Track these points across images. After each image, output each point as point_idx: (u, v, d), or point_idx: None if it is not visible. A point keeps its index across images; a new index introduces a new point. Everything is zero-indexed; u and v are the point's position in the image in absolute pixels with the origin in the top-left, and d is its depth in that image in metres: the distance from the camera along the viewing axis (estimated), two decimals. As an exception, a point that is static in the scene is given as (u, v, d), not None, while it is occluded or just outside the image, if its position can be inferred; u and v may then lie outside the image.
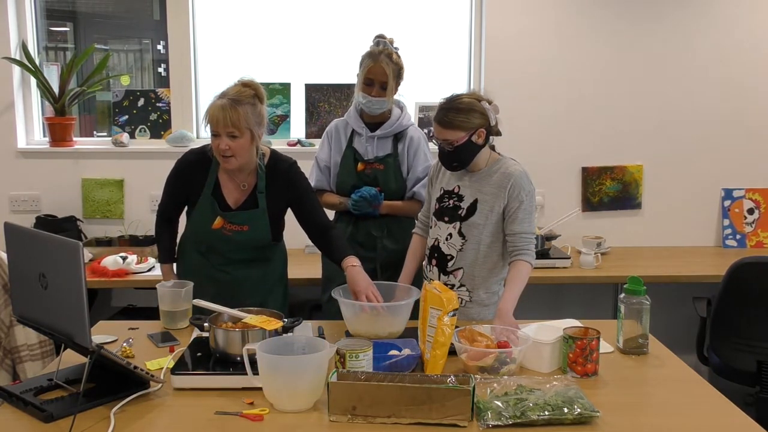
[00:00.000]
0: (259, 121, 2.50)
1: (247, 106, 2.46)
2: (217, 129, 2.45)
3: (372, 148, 2.94)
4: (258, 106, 2.50)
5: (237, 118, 2.42)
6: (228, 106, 2.43)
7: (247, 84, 2.51)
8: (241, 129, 2.44)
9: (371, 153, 2.94)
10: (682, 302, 3.64)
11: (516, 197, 2.46)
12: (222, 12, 4.06)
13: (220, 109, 2.43)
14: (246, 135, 2.46)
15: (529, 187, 2.48)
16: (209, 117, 2.46)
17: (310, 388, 1.78)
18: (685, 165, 4.08)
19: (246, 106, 2.45)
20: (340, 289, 2.37)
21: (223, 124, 2.43)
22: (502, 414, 1.71)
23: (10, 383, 2.11)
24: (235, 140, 2.45)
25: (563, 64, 3.98)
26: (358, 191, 2.88)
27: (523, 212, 2.46)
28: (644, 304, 2.19)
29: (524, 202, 2.45)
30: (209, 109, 2.47)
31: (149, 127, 4.12)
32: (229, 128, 2.43)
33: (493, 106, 2.47)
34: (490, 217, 2.49)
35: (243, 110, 2.44)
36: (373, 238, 2.94)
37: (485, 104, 2.45)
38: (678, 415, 1.80)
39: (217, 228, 2.58)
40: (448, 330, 1.99)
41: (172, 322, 2.42)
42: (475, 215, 2.50)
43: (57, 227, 3.78)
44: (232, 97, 2.45)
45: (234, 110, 2.42)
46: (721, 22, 3.98)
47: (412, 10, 4.07)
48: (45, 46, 4.21)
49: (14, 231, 1.97)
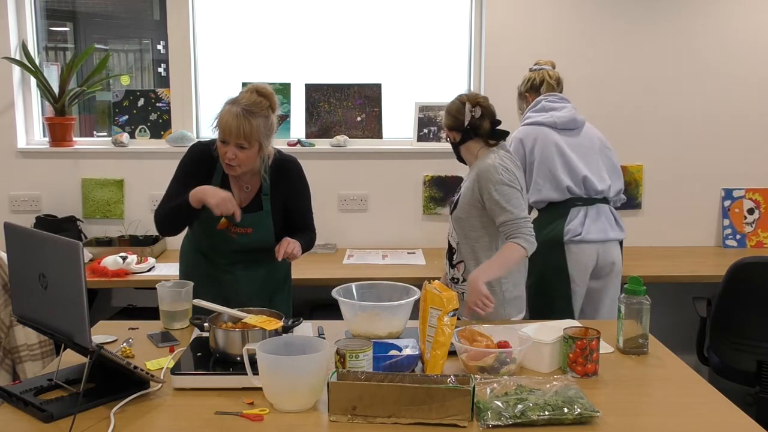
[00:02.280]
0: (269, 133, 2.47)
1: (261, 118, 2.41)
2: (227, 138, 2.40)
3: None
4: (271, 117, 2.46)
5: (249, 130, 2.37)
6: (242, 117, 2.37)
7: (262, 93, 2.45)
8: (251, 141, 2.40)
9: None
10: (682, 302, 3.64)
11: (485, 190, 2.56)
12: (222, 12, 4.06)
13: (234, 118, 2.37)
14: (254, 147, 2.43)
15: (498, 177, 2.55)
16: (220, 124, 2.41)
17: (310, 388, 1.78)
18: (685, 165, 4.08)
19: (260, 118, 2.40)
20: (340, 289, 2.37)
21: (234, 135, 2.38)
22: (502, 414, 1.71)
23: (10, 383, 2.11)
24: (243, 151, 2.41)
25: (563, 64, 3.97)
26: None
27: (497, 204, 2.54)
28: (644, 304, 2.19)
29: (493, 194, 2.54)
30: (221, 116, 2.41)
31: (149, 127, 4.12)
32: (239, 140, 2.38)
33: (476, 108, 2.63)
34: (470, 211, 2.63)
35: (256, 123, 2.39)
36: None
37: (467, 105, 2.64)
38: (678, 415, 1.80)
39: (222, 229, 2.57)
40: (448, 330, 1.99)
41: (172, 322, 2.42)
42: (457, 209, 2.68)
43: (57, 227, 3.78)
44: (246, 107, 2.39)
45: (248, 122, 2.37)
46: (721, 22, 3.98)
47: (412, 10, 4.07)
48: (45, 46, 4.21)
49: (14, 231, 1.97)
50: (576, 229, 3.03)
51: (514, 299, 2.68)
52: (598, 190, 3.10)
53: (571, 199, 3.08)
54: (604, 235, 3.07)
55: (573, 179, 3.07)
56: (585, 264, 3.05)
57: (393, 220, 4.04)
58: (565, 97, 3.23)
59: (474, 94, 2.73)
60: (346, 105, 4.08)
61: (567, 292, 3.03)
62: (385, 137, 4.11)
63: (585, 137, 3.17)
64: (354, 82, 4.08)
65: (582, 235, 3.02)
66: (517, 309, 2.70)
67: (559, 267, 3.03)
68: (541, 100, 3.20)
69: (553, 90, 3.23)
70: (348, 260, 3.76)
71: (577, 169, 3.07)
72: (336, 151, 4.01)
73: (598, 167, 3.14)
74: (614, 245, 3.13)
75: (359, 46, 4.10)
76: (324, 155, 4.01)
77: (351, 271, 3.47)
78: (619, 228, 3.16)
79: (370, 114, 4.09)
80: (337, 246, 4.01)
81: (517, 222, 2.51)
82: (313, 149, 4.02)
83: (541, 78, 3.25)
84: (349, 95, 4.08)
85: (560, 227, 3.04)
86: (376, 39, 4.08)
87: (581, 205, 3.08)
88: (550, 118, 3.12)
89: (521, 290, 2.73)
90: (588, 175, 3.07)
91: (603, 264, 3.08)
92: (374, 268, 3.58)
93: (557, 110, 3.15)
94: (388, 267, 3.60)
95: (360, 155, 4.02)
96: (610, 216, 3.15)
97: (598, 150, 3.18)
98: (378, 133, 4.10)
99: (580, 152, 3.11)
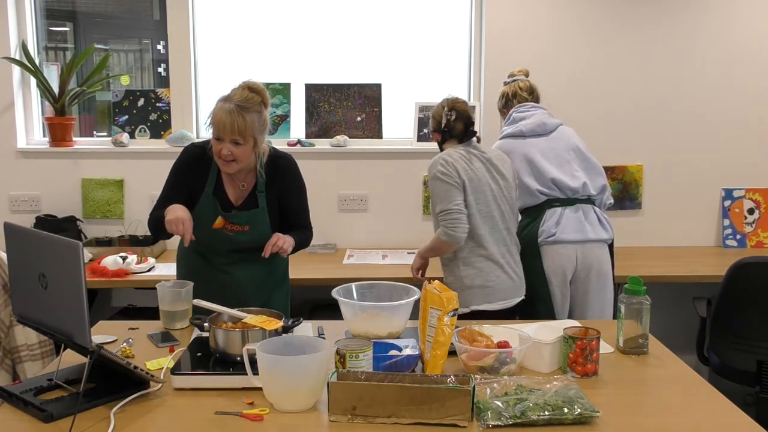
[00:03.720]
0: (263, 129, 2.49)
1: (254, 113, 2.43)
2: (221, 134, 2.42)
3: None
4: (263, 113, 2.48)
5: (243, 126, 2.40)
6: (235, 113, 2.39)
7: (253, 89, 2.47)
8: (245, 137, 2.42)
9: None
10: (682, 302, 3.64)
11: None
12: (222, 12, 4.07)
13: (227, 115, 2.40)
14: (249, 142, 2.45)
15: (432, 172, 2.83)
16: (214, 121, 2.43)
17: (310, 388, 1.78)
18: (685, 165, 4.08)
19: (253, 114, 2.43)
20: (340, 289, 2.37)
21: (229, 131, 2.40)
22: (502, 414, 1.71)
23: (10, 383, 2.10)
24: (238, 147, 2.43)
25: (563, 64, 3.98)
26: None
27: (431, 197, 2.86)
28: (644, 304, 2.19)
29: (429, 188, 2.85)
30: (215, 113, 2.43)
31: (149, 127, 4.12)
32: (234, 135, 2.40)
33: (452, 112, 2.88)
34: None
35: (250, 118, 2.41)
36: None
37: (444, 109, 2.90)
38: (678, 415, 1.79)
39: (218, 228, 2.57)
40: (448, 330, 1.99)
41: (172, 322, 2.42)
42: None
43: (57, 227, 3.78)
44: (239, 104, 2.41)
45: (241, 118, 2.39)
46: (721, 22, 3.98)
47: (412, 10, 4.07)
48: (45, 46, 4.21)
49: (14, 231, 1.97)
50: (550, 229, 3.02)
51: (477, 288, 2.84)
52: (573, 188, 3.08)
53: (547, 200, 3.08)
54: (582, 236, 3.02)
55: (541, 182, 3.08)
56: (562, 265, 3.01)
57: (393, 220, 4.04)
58: (538, 105, 3.25)
59: (454, 98, 2.95)
60: (346, 105, 4.08)
61: (545, 294, 3.02)
62: (385, 137, 4.11)
63: (556, 139, 3.16)
64: (354, 82, 4.08)
65: (556, 235, 3.00)
66: (481, 299, 2.84)
67: (534, 268, 3.03)
68: (512, 113, 3.24)
69: (525, 100, 3.25)
70: (348, 260, 3.76)
71: (544, 171, 3.07)
72: (336, 151, 4.01)
73: (570, 167, 3.12)
74: (597, 246, 3.06)
75: (359, 46, 4.10)
76: (324, 155, 4.01)
77: (351, 271, 3.47)
78: (603, 229, 3.09)
79: (370, 114, 4.09)
80: (337, 246, 4.01)
81: (440, 215, 2.80)
82: (313, 149, 4.02)
83: (513, 91, 3.28)
84: (349, 95, 4.08)
85: (534, 229, 3.05)
86: (376, 39, 4.08)
87: (558, 205, 3.07)
88: (518, 128, 3.16)
89: (491, 282, 2.85)
90: (556, 176, 3.07)
91: (583, 266, 3.03)
92: (374, 268, 3.58)
93: (526, 118, 3.17)
94: (388, 267, 3.60)
95: (360, 155, 4.02)
96: (593, 216, 3.09)
97: (571, 149, 3.16)
98: (378, 133, 4.10)
99: (550, 155, 3.12)
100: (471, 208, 2.82)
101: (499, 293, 2.87)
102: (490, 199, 2.86)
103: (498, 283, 2.86)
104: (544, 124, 3.16)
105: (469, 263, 2.85)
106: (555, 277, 3.02)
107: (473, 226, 2.82)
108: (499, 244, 2.88)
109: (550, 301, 3.02)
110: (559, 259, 3.01)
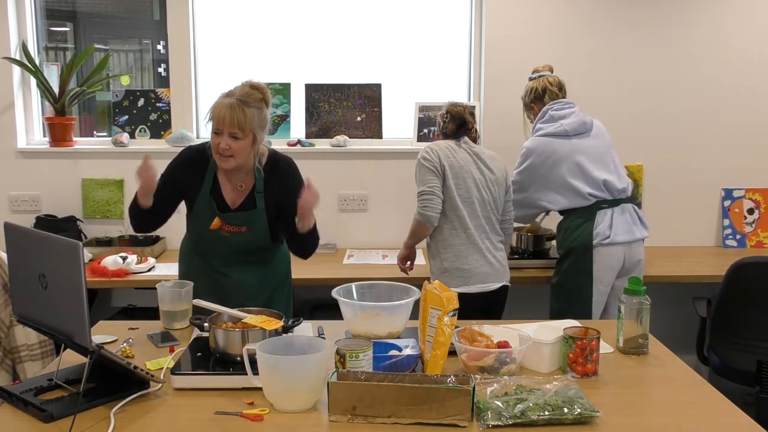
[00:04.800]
0: (263, 126, 2.49)
1: (254, 109, 2.44)
2: (220, 127, 2.43)
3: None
4: (264, 110, 2.49)
5: (243, 119, 2.40)
6: (236, 106, 2.41)
7: (255, 87, 2.49)
8: (245, 131, 2.42)
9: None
10: (682, 302, 3.64)
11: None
12: (222, 12, 4.07)
13: (227, 108, 2.41)
14: (248, 138, 2.45)
15: (418, 157, 2.99)
16: (214, 114, 2.44)
17: (310, 388, 1.78)
18: (685, 165, 4.08)
19: (253, 109, 2.44)
20: (340, 289, 2.37)
21: (228, 124, 2.41)
22: (502, 414, 1.71)
23: (10, 383, 2.11)
24: (236, 141, 2.43)
25: (563, 64, 3.97)
26: None
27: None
28: (644, 304, 2.19)
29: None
30: (215, 107, 2.44)
31: (149, 127, 4.12)
32: (233, 128, 2.41)
33: (447, 114, 3.07)
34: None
35: (250, 113, 2.42)
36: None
37: (441, 111, 3.10)
38: (678, 415, 1.80)
39: (215, 229, 2.56)
40: (448, 330, 1.99)
41: (172, 322, 2.42)
42: None
43: (57, 227, 3.78)
44: (240, 98, 2.43)
45: (241, 111, 2.40)
46: (720, 22, 3.98)
47: (412, 10, 4.07)
48: (45, 46, 4.21)
49: (14, 231, 1.97)
50: (605, 231, 3.06)
51: (455, 270, 2.96)
52: (620, 189, 3.14)
53: (596, 202, 3.11)
54: (630, 236, 3.11)
55: (592, 185, 3.11)
56: (612, 266, 3.09)
57: (393, 220, 4.04)
58: (570, 102, 3.25)
59: (453, 103, 3.11)
60: (346, 105, 4.08)
61: (588, 295, 3.07)
62: (385, 137, 4.11)
63: (596, 138, 3.19)
64: (354, 82, 4.08)
65: (611, 237, 3.06)
66: (459, 281, 2.93)
67: (584, 271, 3.07)
68: (548, 110, 3.21)
69: (556, 96, 3.24)
70: (348, 260, 3.76)
71: (593, 173, 3.11)
72: (336, 151, 4.01)
73: (615, 166, 3.19)
74: (639, 244, 3.18)
75: (359, 46, 4.10)
76: (324, 155, 4.01)
77: (351, 271, 3.47)
78: (644, 226, 3.20)
79: (370, 114, 4.09)
80: (337, 246, 4.01)
81: (417, 196, 2.95)
82: (313, 149, 4.02)
83: (542, 86, 3.26)
84: (349, 95, 4.08)
85: (588, 231, 3.07)
86: (376, 39, 4.08)
87: (606, 207, 3.11)
88: (560, 127, 3.14)
89: (468, 264, 2.95)
90: (607, 178, 3.11)
91: (629, 264, 3.13)
92: (374, 268, 3.58)
93: (565, 117, 3.17)
94: (388, 267, 3.59)
95: (360, 155, 4.02)
96: (635, 215, 3.19)
97: (610, 147, 3.23)
98: (378, 133, 4.10)
99: (594, 156, 3.14)
100: (451, 191, 2.94)
101: (477, 277, 2.96)
102: (472, 185, 2.97)
103: (476, 267, 2.96)
104: (584, 123, 3.18)
105: (449, 245, 2.97)
106: (605, 277, 3.08)
107: (454, 207, 2.95)
108: (478, 230, 2.98)
109: (590, 302, 3.07)
110: (609, 260, 3.07)
